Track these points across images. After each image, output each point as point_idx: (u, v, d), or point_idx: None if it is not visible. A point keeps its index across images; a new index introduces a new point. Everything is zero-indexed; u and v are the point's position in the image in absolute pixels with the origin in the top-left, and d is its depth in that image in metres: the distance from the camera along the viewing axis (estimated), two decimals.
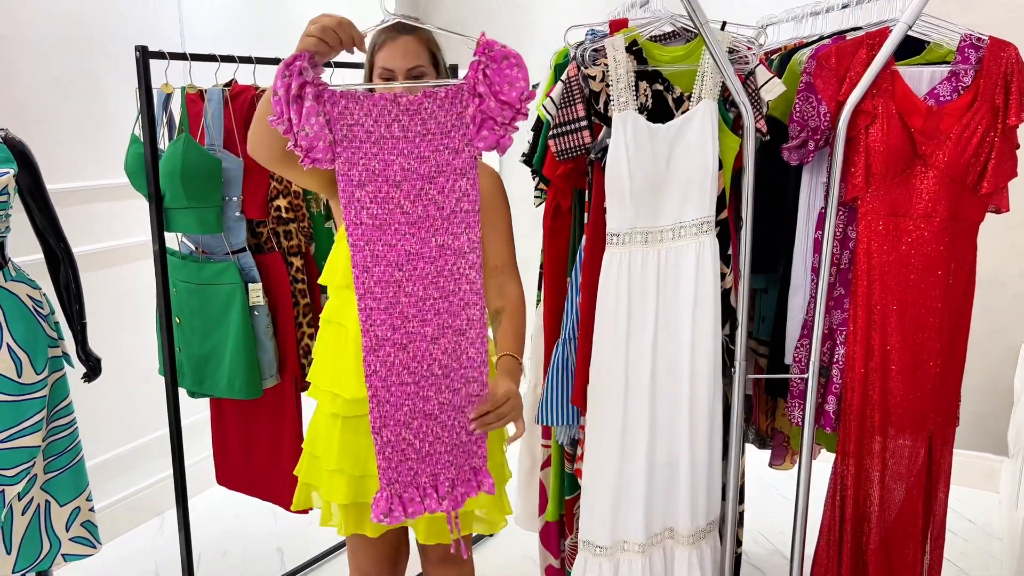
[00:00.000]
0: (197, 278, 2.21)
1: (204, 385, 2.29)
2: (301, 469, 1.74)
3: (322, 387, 1.65)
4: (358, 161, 1.37)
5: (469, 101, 1.40)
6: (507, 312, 1.67)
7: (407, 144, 1.38)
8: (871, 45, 1.75)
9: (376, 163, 1.38)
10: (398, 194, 1.39)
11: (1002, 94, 1.71)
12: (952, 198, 1.75)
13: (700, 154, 1.72)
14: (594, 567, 1.83)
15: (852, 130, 1.76)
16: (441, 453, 1.48)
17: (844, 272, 1.88)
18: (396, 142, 1.38)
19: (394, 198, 1.39)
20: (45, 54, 2.66)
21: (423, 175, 1.40)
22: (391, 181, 1.39)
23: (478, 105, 1.39)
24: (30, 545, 2.20)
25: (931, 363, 1.83)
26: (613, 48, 1.70)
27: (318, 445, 1.69)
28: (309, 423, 1.75)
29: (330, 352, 1.64)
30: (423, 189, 1.41)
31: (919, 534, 1.91)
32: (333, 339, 1.65)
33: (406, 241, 1.41)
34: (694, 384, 1.79)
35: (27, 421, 2.11)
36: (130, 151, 2.20)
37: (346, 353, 1.58)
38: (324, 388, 1.65)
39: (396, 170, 1.39)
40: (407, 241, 1.41)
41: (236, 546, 2.93)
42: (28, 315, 2.13)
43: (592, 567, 1.83)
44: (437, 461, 1.48)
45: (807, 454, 1.90)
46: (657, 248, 1.75)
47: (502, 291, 1.69)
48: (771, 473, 2.49)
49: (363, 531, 1.67)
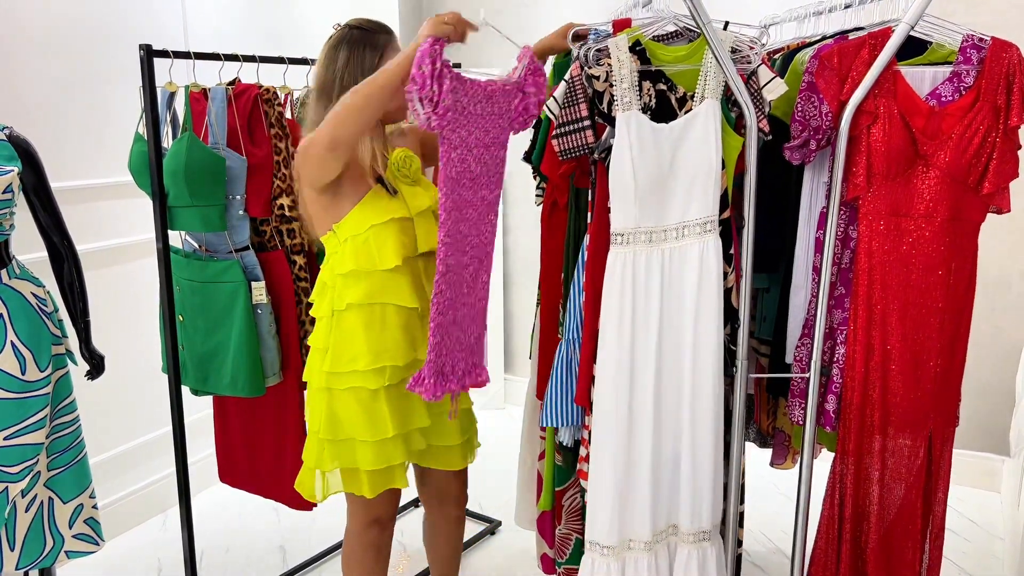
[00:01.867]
0: (200, 276, 2.22)
1: (207, 383, 2.29)
2: (324, 461, 1.87)
3: (362, 369, 1.81)
4: (456, 128, 1.73)
5: (517, 94, 1.81)
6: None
7: (482, 120, 1.77)
8: (873, 45, 1.76)
9: (463, 132, 1.75)
10: (470, 157, 1.77)
11: (1004, 95, 1.71)
12: (953, 198, 1.76)
13: (703, 153, 1.72)
14: (601, 567, 1.83)
15: (854, 130, 1.77)
16: (463, 349, 1.90)
17: (845, 271, 1.89)
18: (476, 118, 1.76)
19: (467, 160, 1.77)
20: (49, 52, 2.67)
21: (486, 144, 1.79)
22: (468, 146, 1.76)
23: (523, 99, 1.82)
24: (33, 542, 2.21)
25: (932, 363, 1.83)
26: (617, 48, 1.70)
27: (345, 430, 1.84)
28: (324, 417, 1.84)
29: (365, 334, 1.81)
30: (483, 155, 1.80)
31: (918, 533, 1.91)
32: (368, 321, 1.82)
33: (467, 192, 1.80)
34: (697, 383, 1.79)
35: (31, 418, 2.12)
36: (134, 149, 2.20)
37: (390, 327, 1.84)
38: (365, 369, 1.81)
39: (473, 139, 1.77)
40: (468, 192, 1.80)
41: (239, 543, 2.94)
42: (32, 313, 2.14)
43: (600, 567, 1.83)
44: (462, 353, 1.90)
45: (808, 453, 1.91)
46: (661, 248, 1.76)
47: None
48: (772, 472, 2.49)
49: (392, 485, 1.92)
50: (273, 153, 2.23)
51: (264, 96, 2.22)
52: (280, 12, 3.61)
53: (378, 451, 1.84)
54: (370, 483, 1.87)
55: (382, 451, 1.84)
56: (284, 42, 3.61)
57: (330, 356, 1.82)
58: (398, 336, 1.84)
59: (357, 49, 1.81)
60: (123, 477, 3.03)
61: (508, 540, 2.96)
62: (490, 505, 3.20)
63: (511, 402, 4.29)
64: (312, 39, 3.74)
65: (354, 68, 1.80)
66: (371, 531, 1.97)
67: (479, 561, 2.84)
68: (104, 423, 2.91)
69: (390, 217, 1.81)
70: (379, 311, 1.82)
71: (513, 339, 4.36)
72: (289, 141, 2.27)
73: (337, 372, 1.82)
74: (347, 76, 1.79)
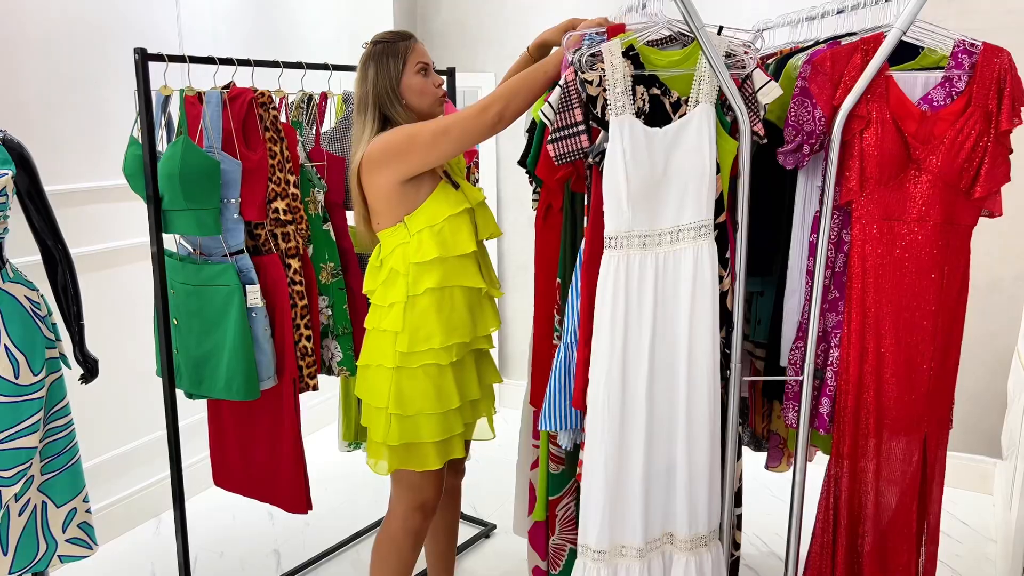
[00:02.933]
0: (195, 279, 2.22)
1: (202, 386, 2.29)
2: (392, 435, 1.98)
3: (437, 346, 1.96)
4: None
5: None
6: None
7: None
8: (865, 51, 1.77)
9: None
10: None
11: (995, 99, 1.72)
12: (945, 202, 1.77)
13: (697, 158, 1.73)
14: (592, 572, 1.83)
15: (847, 134, 1.78)
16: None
17: (839, 275, 1.90)
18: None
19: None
20: (43, 56, 2.66)
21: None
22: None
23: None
24: (26, 546, 2.20)
25: (925, 366, 1.84)
26: (610, 53, 1.71)
27: (414, 405, 1.97)
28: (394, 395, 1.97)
29: (438, 315, 1.95)
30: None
31: (913, 536, 1.92)
32: (439, 302, 1.96)
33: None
34: (692, 387, 1.80)
35: (24, 422, 2.12)
36: (128, 153, 2.20)
37: (458, 307, 1.99)
38: (440, 347, 1.96)
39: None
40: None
41: (233, 548, 2.93)
42: (26, 316, 2.13)
43: (590, 572, 1.83)
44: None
45: (802, 456, 1.91)
46: (655, 251, 1.76)
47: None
48: (766, 475, 2.51)
49: (454, 455, 2.06)
50: (268, 157, 2.23)
51: (259, 100, 2.22)
52: (275, 16, 3.61)
53: (442, 422, 1.99)
54: (436, 454, 2.01)
55: (445, 422, 2.00)
56: (279, 46, 3.61)
57: (405, 337, 1.94)
58: (464, 315, 2.00)
59: (382, 61, 1.95)
60: (117, 481, 3.02)
61: (503, 544, 2.96)
62: (484, 508, 3.20)
63: (505, 405, 4.29)
64: (307, 43, 3.76)
65: (383, 78, 1.96)
66: (415, 517, 2.08)
67: (473, 564, 2.84)
68: (98, 427, 2.90)
69: (462, 208, 1.98)
70: (448, 293, 1.97)
71: (508, 343, 4.37)
72: (284, 145, 2.27)
73: (413, 351, 1.95)
74: (378, 86, 1.96)
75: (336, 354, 2.46)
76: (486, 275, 2.08)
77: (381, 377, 1.99)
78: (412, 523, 2.09)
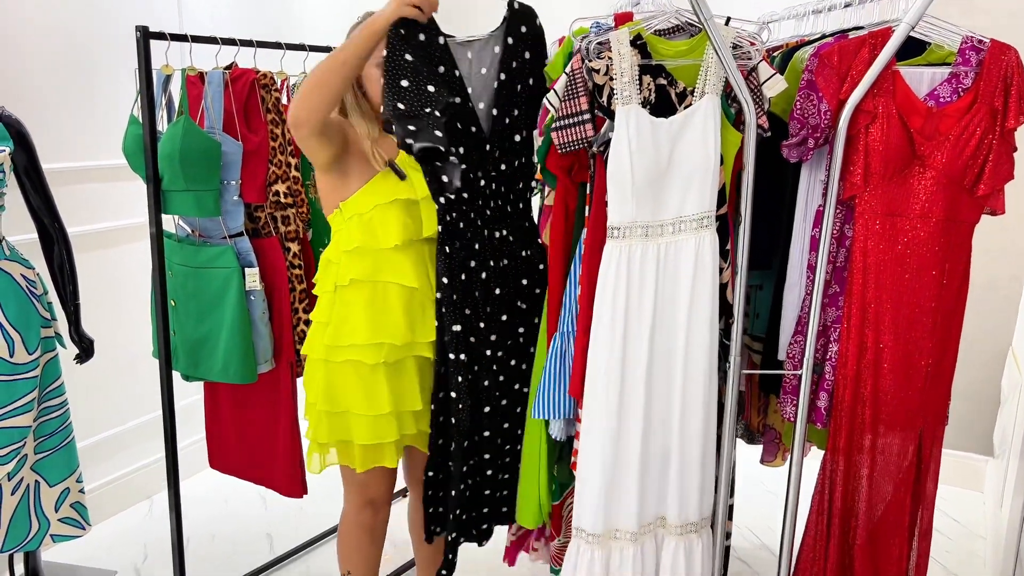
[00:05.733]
0: (194, 261, 2.21)
1: (199, 369, 2.28)
2: (320, 432, 1.92)
3: (360, 343, 1.86)
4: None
5: None
6: None
7: None
8: (873, 45, 1.76)
9: None
10: None
11: (1001, 97, 1.72)
12: (949, 199, 1.77)
13: (702, 149, 1.72)
14: (586, 555, 1.84)
15: (852, 129, 1.77)
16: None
17: (840, 270, 1.90)
18: None
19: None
20: (42, 33, 2.64)
21: None
22: None
23: None
24: (19, 525, 2.20)
25: (923, 362, 1.84)
26: (618, 42, 1.70)
27: (338, 400, 1.89)
28: (321, 389, 1.90)
29: (366, 310, 1.86)
30: None
31: (906, 531, 1.93)
32: (370, 297, 1.87)
33: None
34: (689, 377, 1.80)
35: (18, 401, 2.11)
36: (128, 132, 2.18)
37: (391, 306, 1.88)
38: (364, 343, 1.86)
39: None
40: None
41: (225, 531, 2.93)
42: (21, 295, 2.12)
43: (584, 555, 1.84)
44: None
45: (799, 449, 1.92)
46: (657, 242, 1.76)
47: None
48: (758, 468, 2.51)
49: (383, 463, 1.96)
50: (269, 139, 2.21)
51: (261, 81, 2.21)
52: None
53: (372, 426, 1.89)
54: (362, 457, 1.92)
55: (376, 427, 1.89)
56: (280, 28, 3.58)
57: (331, 329, 1.88)
58: (398, 316, 1.88)
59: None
60: (109, 462, 3.01)
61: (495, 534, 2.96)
62: None
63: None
64: (308, 25, 3.73)
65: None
66: (365, 512, 2.02)
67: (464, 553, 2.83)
68: (91, 407, 2.89)
69: (395, 198, 1.87)
70: (381, 289, 1.88)
71: None
72: (285, 127, 2.25)
73: (337, 345, 1.87)
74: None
75: None
76: (429, 276, 1.93)
77: (312, 369, 1.93)
78: (364, 519, 2.04)
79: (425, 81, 1.77)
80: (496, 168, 1.89)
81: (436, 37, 1.79)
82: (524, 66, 1.89)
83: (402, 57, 1.74)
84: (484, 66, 1.85)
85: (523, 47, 1.88)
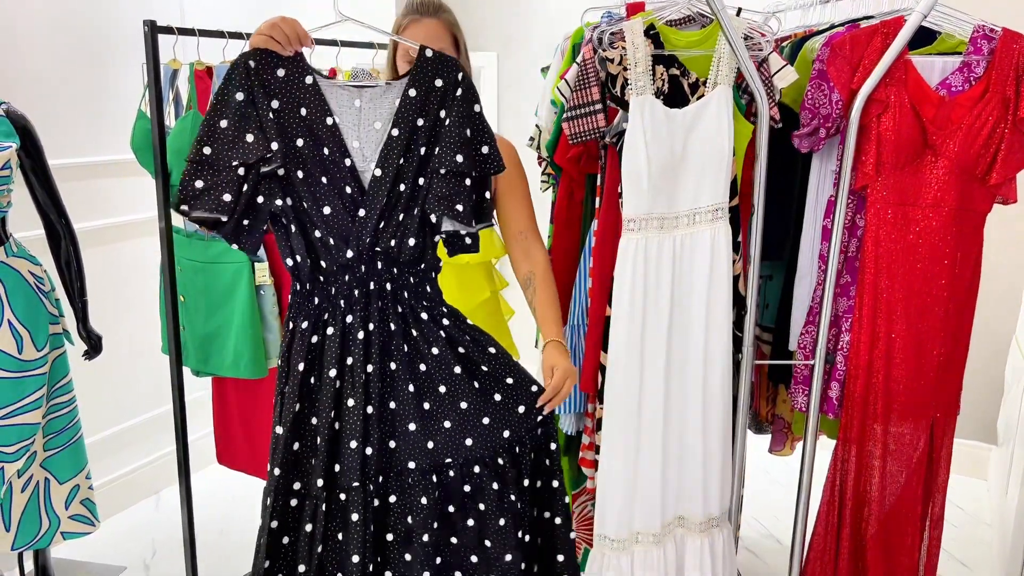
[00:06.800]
0: (203, 256, 2.20)
1: (209, 364, 2.28)
2: None
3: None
4: None
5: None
6: (538, 277, 1.69)
7: None
8: (885, 34, 1.76)
9: None
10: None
11: (1013, 86, 1.72)
12: (961, 188, 1.77)
13: (716, 140, 1.72)
14: (612, 562, 1.83)
15: (864, 118, 1.77)
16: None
17: (851, 260, 1.90)
18: None
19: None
20: (46, 29, 2.62)
21: None
22: None
23: None
24: (29, 522, 2.19)
25: (935, 351, 1.85)
26: (631, 31, 1.70)
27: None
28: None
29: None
30: None
31: (918, 520, 1.94)
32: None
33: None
34: (708, 370, 1.80)
35: (27, 398, 2.10)
36: (137, 127, 2.17)
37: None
38: None
39: None
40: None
41: (233, 526, 2.93)
42: (29, 291, 2.11)
43: (610, 562, 1.83)
44: None
45: (812, 438, 1.92)
46: (672, 234, 1.76)
47: (528, 254, 1.70)
48: (765, 458, 2.52)
49: None
50: None
51: None
52: None
53: None
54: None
55: None
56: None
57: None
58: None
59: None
60: (116, 458, 3.00)
61: None
62: None
63: None
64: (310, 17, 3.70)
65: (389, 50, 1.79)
66: None
67: None
68: (98, 403, 2.88)
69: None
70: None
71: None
72: None
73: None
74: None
75: None
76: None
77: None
78: None
79: (249, 128, 1.45)
80: (377, 241, 1.53)
81: (302, 76, 1.49)
82: (433, 127, 1.53)
83: (231, 95, 1.45)
84: (379, 119, 1.54)
85: (435, 103, 1.53)
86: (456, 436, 1.56)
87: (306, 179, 1.50)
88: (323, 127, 1.50)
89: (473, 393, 1.56)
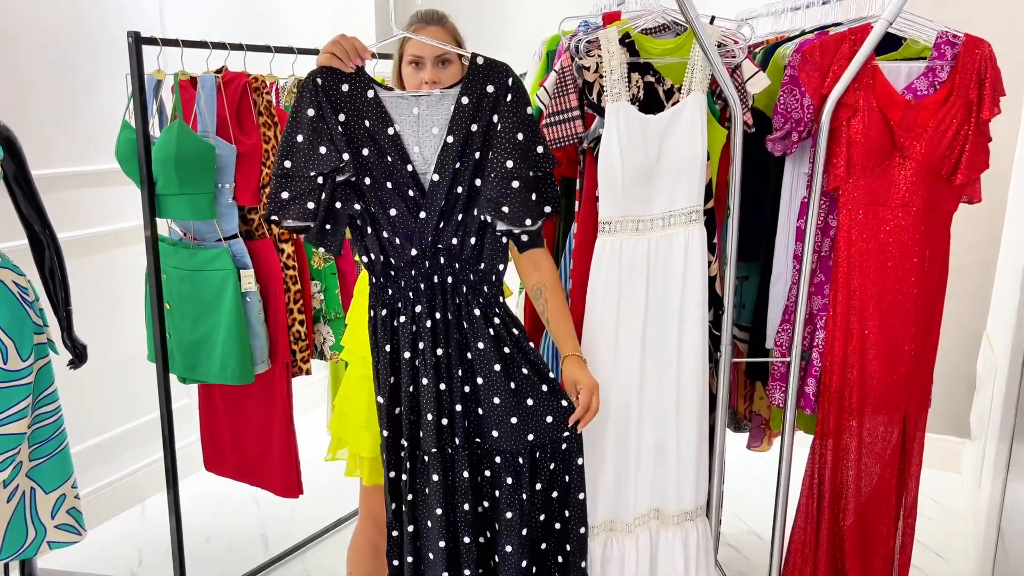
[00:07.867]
0: (188, 264, 2.22)
1: (196, 371, 2.29)
2: (333, 424, 1.92)
3: (356, 352, 1.85)
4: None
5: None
6: (548, 288, 1.73)
7: None
8: (854, 40, 1.82)
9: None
10: None
11: (976, 89, 1.79)
12: (928, 188, 1.83)
13: (690, 145, 1.77)
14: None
15: (835, 122, 1.83)
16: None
17: (824, 259, 1.95)
18: None
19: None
20: (28, 39, 2.62)
21: None
22: None
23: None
24: (15, 532, 2.19)
25: (906, 347, 1.91)
26: (607, 40, 1.74)
27: (348, 403, 1.88)
28: (342, 382, 1.92)
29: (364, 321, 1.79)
30: None
31: (892, 510, 2.00)
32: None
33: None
34: (682, 368, 1.85)
35: (12, 408, 2.10)
36: (121, 137, 2.19)
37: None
38: (357, 352, 1.84)
39: None
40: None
41: (220, 533, 2.94)
42: (13, 301, 2.11)
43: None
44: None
45: (789, 432, 1.97)
46: (648, 236, 1.80)
47: (537, 265, 1.74)
48: (744, 455, 2.57)
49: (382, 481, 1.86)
50: (262, 141, 2.23)
51: (253, 84, 2.22)
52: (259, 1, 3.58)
53: (356, 435, 1.88)
54: (368, 471, 1.90)
55: (358, 437, 1.88)
56: (263, 32, 3.58)
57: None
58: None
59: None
60: (101, 467, 3.00)
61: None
62: None
63: None
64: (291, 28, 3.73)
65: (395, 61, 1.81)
66: (369, 525, 1.99)
67: None
68: (82, 412, 2.88)
69: None
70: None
71: None
72: (277, 129, 2.27)
73: (347, 346, 1.90)
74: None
75: (328, 338, 2.48)
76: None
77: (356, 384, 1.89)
78: (368, 531, 1.99)
79: (322, 141, 1.59)
80: (438, 240, 1.66)
81: (364, 90, 1.61)
82: (487, 131, 1.62)
83: (304, 112, 1.59)
84: (436, 125, 1.65)
85: (488, 109, 1.61)
86: (485, 424, 1.69)
87: (373, 185, 1.64)
88: (385, 137, 1.63)
89: (508, 392, 1.67)
